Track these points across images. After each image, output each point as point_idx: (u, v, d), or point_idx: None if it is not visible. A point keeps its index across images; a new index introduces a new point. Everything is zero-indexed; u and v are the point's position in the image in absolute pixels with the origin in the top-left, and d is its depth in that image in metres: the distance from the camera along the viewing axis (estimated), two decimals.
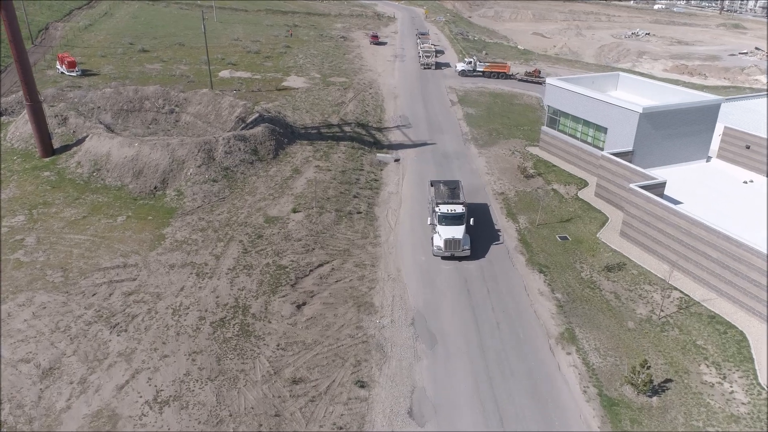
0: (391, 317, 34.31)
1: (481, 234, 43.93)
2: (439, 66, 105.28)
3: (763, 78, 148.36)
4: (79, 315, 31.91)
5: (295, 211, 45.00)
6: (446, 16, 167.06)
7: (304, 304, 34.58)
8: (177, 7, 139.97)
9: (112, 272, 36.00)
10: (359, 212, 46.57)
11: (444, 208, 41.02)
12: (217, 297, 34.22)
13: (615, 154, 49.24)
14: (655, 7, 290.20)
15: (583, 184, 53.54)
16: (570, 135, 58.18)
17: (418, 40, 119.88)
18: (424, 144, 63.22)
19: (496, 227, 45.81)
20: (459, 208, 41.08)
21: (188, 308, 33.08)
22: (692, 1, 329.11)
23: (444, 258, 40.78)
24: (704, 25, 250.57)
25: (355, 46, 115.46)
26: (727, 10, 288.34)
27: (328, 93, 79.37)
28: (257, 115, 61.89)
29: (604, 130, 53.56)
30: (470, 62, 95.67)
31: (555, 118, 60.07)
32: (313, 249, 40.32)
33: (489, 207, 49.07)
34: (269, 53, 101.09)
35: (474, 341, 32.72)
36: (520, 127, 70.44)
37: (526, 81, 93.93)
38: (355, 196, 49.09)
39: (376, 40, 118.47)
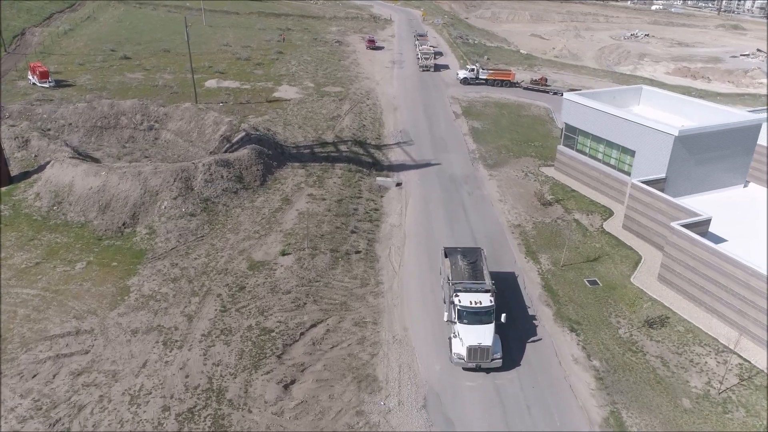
0: (398, 397, 27.98)
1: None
2: (438, 68, 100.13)
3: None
4: (12, 407, 25.44)
5: (284, 253, 38.56)
6: (444, 18, 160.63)
7: (292, 382, 28.19)
8: (165, 10, 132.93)
9: (60, 342, 29.49)
10: (358, 252, 40.18)
11: (465, 300, 30.33)
12: (187, 377, 27.78)
13: (646, 182, 43.06)
14: (653, 7, 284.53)
15: (608, 213, 47.33)
16: (590, 156, 51.93)
17: (416, 42, 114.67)
18: (428, 164, 56.86)
19: (519, 279, 39.51)
20: (486, 299, 30.51)
21: (150, 393, 26.63)
22: (689, 1, 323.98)
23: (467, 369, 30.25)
24: (703, 26, 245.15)
25: (351, 51, 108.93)
26: (725, 11, 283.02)
27: (323, 105, 72.85)
28: (244, 133, 55.37)
29: (631, 153, 47.32)
30: (473, 69, 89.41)
31: (573, 137, 53.83)
32: (305, 304, 33.92)
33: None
34: (260, 60, 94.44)
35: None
36: (530, 143, 64.18)
37: (532, 89, 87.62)
38: (353, 231, 42.69)
39: (372, 45, 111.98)
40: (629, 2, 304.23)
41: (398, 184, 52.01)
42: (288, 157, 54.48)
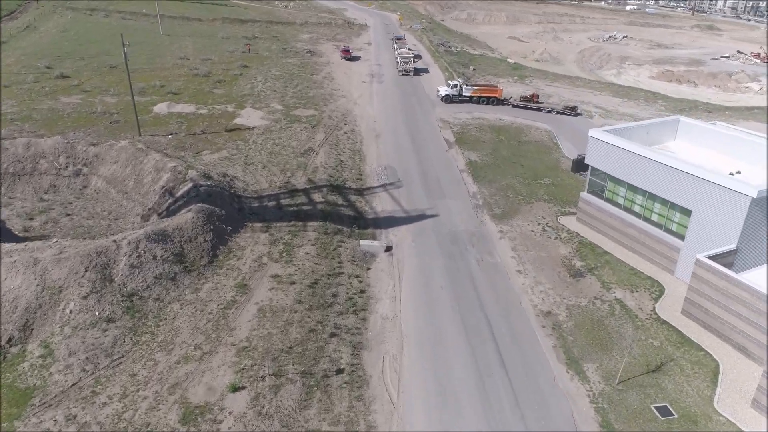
0: None
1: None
2: (417, 72, 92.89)
3: (754, 85, 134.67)
4: None
5: (234, 388, 26.49)
6: (422, 22, 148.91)
7: None
8: (119, 18, 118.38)
9: None
10: (339, 371, 28.38)
11: None
12: None
13: (713, 257, 32.21)
14: (627, 8, 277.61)
15: (657, 288, 36.40)
16: (625, 209, 40.95)
17: (395, 45, 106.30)
18: (423, 216, 45.24)
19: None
20: None
21: None
22: (660, 1, 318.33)
23: None
24: (679, 26, 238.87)
25: (325, 62, 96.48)
26: (698, 11, 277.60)
27: (292, 134, 60.53)
28: (191, 185, 42.90)
29: (685, 211, 36.41)
30: (455, 86, 77.60)
31: (600, 183, 42.79)
32: None
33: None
34: (221, 76, 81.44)
35: None
36: (539, 181, 53.05)
37: (523, 107, 76.39)
38: (332, 334, 30.86)
39: (348, 55, 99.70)
40: (603, 2, 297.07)
41: (388, 249, 40.27)
42: (248, 214, 42.23)
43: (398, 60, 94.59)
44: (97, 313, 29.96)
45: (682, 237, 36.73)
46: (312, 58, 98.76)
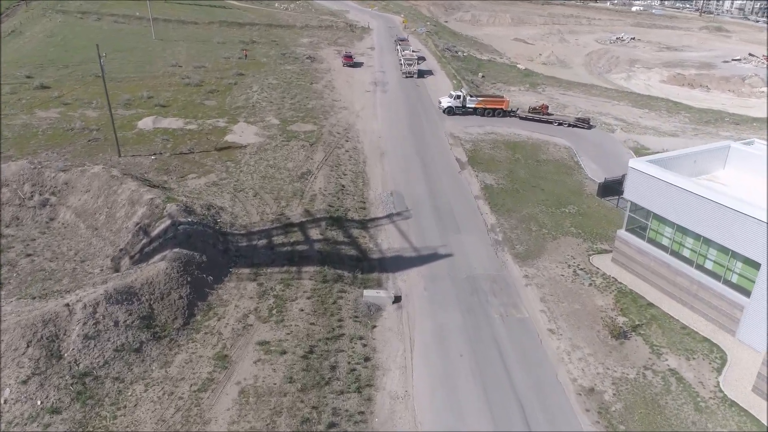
0: None
1: None
2: (421, 74, 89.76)
3: None
4: None
5: None
6: (427, 25, 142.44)
7: None
8: (111, 21, 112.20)
9: None
10: None
11: None
12: None
13: None
14: (633, 9, 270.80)
15: (718, 354, 30.22)
16: (673, 254, 34.76)
17: (398, 47, 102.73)
18: (435, 256, 39.09)
19: None
20: None
21: None
22: (666, 2, 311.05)
23: None
24: (686, 28, 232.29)
25: (325, 69, 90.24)
26: (705, 11, 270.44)
27: (289, 153, 54.39)
28: (168, 222, 36.79)
29: (753, 264, 30.20)
30: (458, 97, 70.65)
31: (642, 221, 36.61)
32: None
33: None
34: (214, 85, 75.26)
35: None
36: (564, 209, 46.87)
37: (532, 119, 70.00)
38: (330, 425, 24.73)
39: (350, 62, 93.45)
40: (608, 3, 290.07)
41: (396, 300, 34.14)
42: (234, 256, 36.12)
43: (402, 62, 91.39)
44: (39, 402, 23.89)
45: (747, 293, 30.56)
46: (312, 65, 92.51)
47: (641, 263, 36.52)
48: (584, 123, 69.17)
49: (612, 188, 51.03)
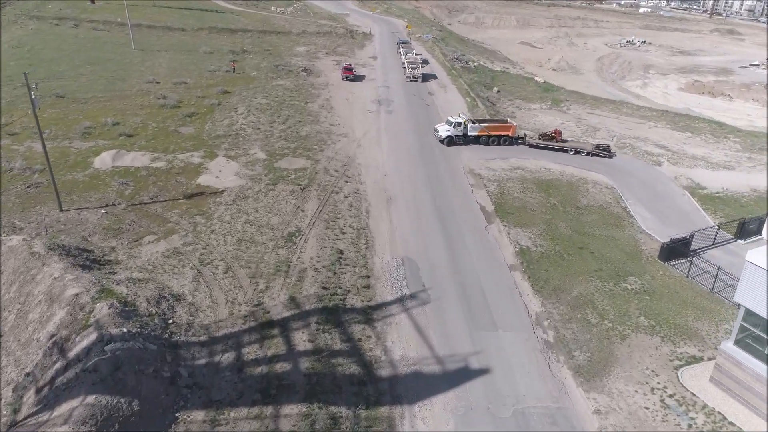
0: None
1: None
2: (425, 78, 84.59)
3: None
4: None
5: None
6: (432, 30, 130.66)
7: None
8: (89, 27, 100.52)
9: None
10: None
11: None
12: None
13: None
14: (641, 10, 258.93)
15: None
16: None
17: (401, 50, 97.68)
18: (466, 374, 27.80)
19: None
20: None
21: None
22: (672, 3, 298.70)
23: None
24: (697, 30, 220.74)
25: (322, 84, 78.72)
26: (715, 13, 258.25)
27: (275, 202, 43.05)
28: (95, 336, 25.46)
29: None
30: (459, 124, 58.08)
31: (761, 335, 25.35)
32: None
33: None
34: (194, 106, 63.78)
35: None
36: (624, 284, 35.66)
37: (544, 148, 58.44)
38: None
39: (350, 75, 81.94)
40: (615, 5, 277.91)
41: None
42: (184, 389, 24.86)
43: (405, 66, 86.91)
44: None
45: None
46: (308, 79, 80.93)
47: (758, 394, 25.28)
48: (605, 151, 57.94)
49: (678, 250, 39.94)
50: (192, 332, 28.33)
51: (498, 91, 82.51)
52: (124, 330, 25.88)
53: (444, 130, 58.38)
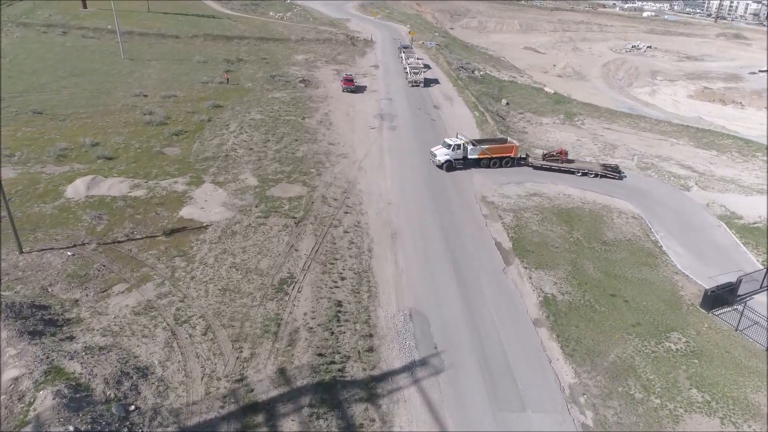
0: None
1: None
2: (428, 83, 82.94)
3: None
4: None
5: None
6: (435, 37, 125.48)
7: None
8: (79, 35, 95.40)
9: None
10: None
11: None
12: None
13: None
14: (644, 14, 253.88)
15: None
16: None
17: (402, 55, 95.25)
18: None
19: None
20: None
21: None
22: (676, 6, 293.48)
23: None
24: (702, 35, 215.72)
25: (321, 96, 73.56)
26: (720, 17, 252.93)
27: (265, 240, 37.87)
28: None
29: None
30: (458, 146, 52.29)
31: None
32: None
33: None
34: (182, 123, 58.62)
35: None
36: (668, 343, 30.50)
37: (549, 169, 53.17)
38: None
39: (350, 86, 76.78)
40: (618, 8, 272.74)
41: None
42: None
43: (407, 71, 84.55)
44: None
45: None
46: (306, 91, 75.77)
47: None
48: (614, 172, 52.83)
49: (723, 297, 34.80)
50: (159, 421, 23.12)
51: (507, 104, 77.35)
52: (71, 429, 20.67)
53: (442, 155, 52.44)
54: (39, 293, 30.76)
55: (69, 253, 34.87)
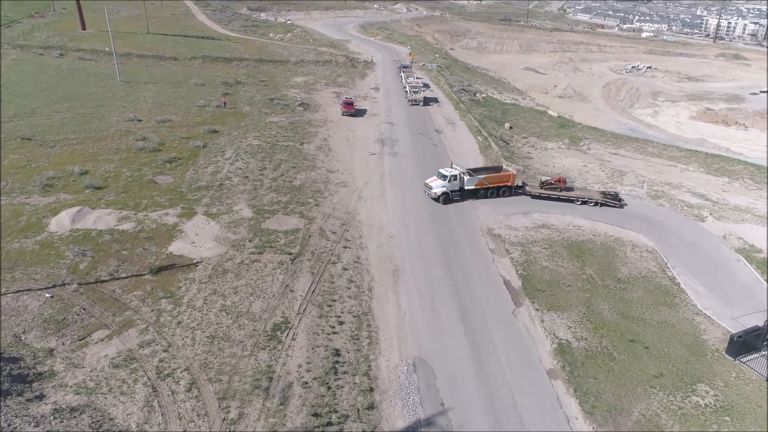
0: None
1: None
2: (427, 102, 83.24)
3: None
4: None
5: None
6: (436, 58, 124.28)
7: None
8: (76, 57, 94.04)
9: None
10: None
11: None
12: None
13: None
14: (643, 35, 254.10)
15: None
16: None
17: (401, 74, 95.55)
18: None
19: None
20: None
21: None
22: (674, 27, 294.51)
23: None
24: (702, 55, 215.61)
25: (321, 121, 71.64)
26: (718, 38, 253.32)
27: (258, 279, 35.39)
28: None
29: None
30: (454, 177, 49.63)
31: None
32: None
33: None
34: (177, 150, 56.52)
35: None
36: (695, 397, 27.90)
37: (547, 198, 50.83)
38: None
39: (350, 110, 74.93)
40: (616, 28, 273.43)
41: None
42: None
43: (407, 90, 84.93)
44: None
45: None
46: (305, 114, 73.86)
47: None
48: (614, 200, 50.56)
49: (750, 344, 32.25)
50: None
51: (510, 128, 75.43)
52: None
53: (438, 186, 49.64)
54: (10, 342, 28.23)
55: (47, 295, 32.38)
